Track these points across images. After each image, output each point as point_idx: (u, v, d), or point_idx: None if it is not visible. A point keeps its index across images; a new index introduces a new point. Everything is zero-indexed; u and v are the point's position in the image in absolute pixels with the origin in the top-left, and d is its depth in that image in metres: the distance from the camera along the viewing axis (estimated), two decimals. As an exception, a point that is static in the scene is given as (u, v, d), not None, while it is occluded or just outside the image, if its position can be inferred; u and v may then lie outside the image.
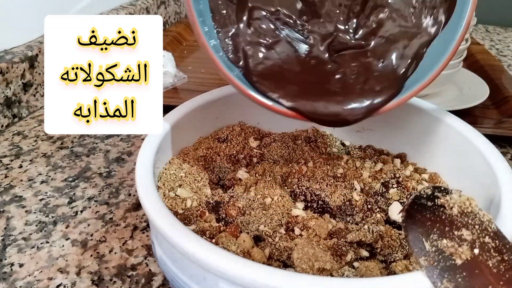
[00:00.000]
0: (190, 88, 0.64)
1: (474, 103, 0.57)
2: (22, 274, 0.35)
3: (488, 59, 0.75)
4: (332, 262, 0.28)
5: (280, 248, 0.29)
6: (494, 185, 0.30)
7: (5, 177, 0.46)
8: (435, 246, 0.23)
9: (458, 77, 0.63)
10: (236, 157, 0.40)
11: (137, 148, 0.52)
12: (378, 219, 0.33)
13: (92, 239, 0.38)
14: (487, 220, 0.24)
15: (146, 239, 0.38)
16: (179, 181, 0.34)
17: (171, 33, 0.84)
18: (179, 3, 0.97)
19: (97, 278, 0.34)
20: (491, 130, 0.53)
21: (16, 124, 0.56)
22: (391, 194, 0.36)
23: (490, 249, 0.23)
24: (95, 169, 0.48)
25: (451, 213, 0.25)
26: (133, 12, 0.78)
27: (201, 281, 0.26)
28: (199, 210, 0.32)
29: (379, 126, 0.42)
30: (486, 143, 0.34)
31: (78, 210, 0.42)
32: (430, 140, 0.39)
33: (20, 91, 0.56)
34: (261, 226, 0.31)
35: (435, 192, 0.26)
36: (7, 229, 0.39)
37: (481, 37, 0.98)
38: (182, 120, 0.37)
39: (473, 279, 0.22)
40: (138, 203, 0.43)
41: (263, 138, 0.43)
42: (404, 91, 0.31)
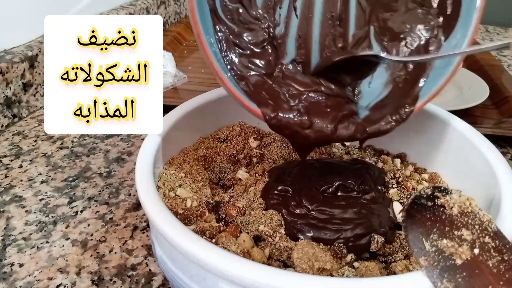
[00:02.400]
0: (190, 88, 0.65)
1: (474, 103, 0.57)
2: (22, 274, 0.35)
3: (488, 59, 0.75)
4: (332, 262, 0.28)
5: (280, 248, 0.29)
6: (494, 185, 0.30)
7: (5, 177, 0.46)
8: (435, 246, 0.23)
9: (458, 77, 0.63)
10: (236, 157, 0.40)
11: (137, 148, 0.52)
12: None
13: (92, 239, 0.38)
14: (487, 220, 0.24)
15: (146, 239, 0.38)
16: (179, 181, 0.34)
17: (171, 33, 0.84)
18: (179, 3, 0.97)
19: (97, 278, 0.34)
20: (491, 130, 0.53)
21: (16, 124, 0.56)
22: (391, 194, 0.36)
23: (490, 249, 0.23)
24: (95, 169, 0.48)
25: (451, 213, 0.25)
26: (133, 12, 0.78)
27: (201, 281, 0.26)
28: (199, 210, 0.32)
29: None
30: (486, 143, 0.34)
31: (78, 210, 0.42)
32: (430, 140, 0.39)
33: (20, 91, 0.56)
34: (261, 226, 0.31)
35: (435, 192, 0.26)
36: (7, 229, 0.39)
37: (481, 37, 0.98)
38: (182, 120, 0.37)
39: (473, 279, 0.22)
40: (138, 203, 0.43)
41: (263, 138, 0.43)
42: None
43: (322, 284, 0.22)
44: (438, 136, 0.38)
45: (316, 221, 0.31)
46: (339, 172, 0.36)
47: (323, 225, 0.31)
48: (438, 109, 0.39)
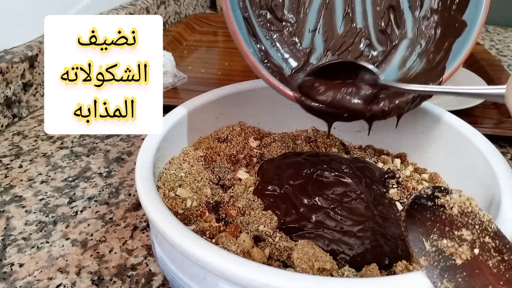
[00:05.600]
0: (190, 88, 0.65)
1: (474, 103, 0.57)
2: (22, 274, 0.35)
3: (488, 59, 0.75)
4: (332, 262, 0.28)
5: (280, 248, 0.29)
6: (494, 185, 0.30)
7: (5, 177, 0.46)
8: (435, 246, 0.23)
9: (458, 77, 0.63)
10: (236, 157, 0.40)
11: (137, 148, 0.52)
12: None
13: (92, 239, 0.38)
14: (487, 220, 0.24)
15: (146, 239, 0.38)
16: (179, 181, 0.34)
17: (171, 33, 0.84)
18: (179, 3, 0.97)
19: (97, 278, 0.34)
20: (491, 130, 0.53)
21: (16, 124, 0.56)
22: (391, 194, 0.36)
23: (490, 249, 0.23)
24: (95, 169, 0.48)
25: (451, 213, 0.25)
26: (133, 12, 0.78)
27: (201, 281, 0.26)
28: (199, 210, 0.32)
29: (379, 126, 0.42)
30: (486, 143, 0.34)
31: (78, 210, 0.42)
32: (430, 140, 0.39)
33: (20, 91, 0.56)
34: (261, 226, 0.31)
35: (435, 192, 0.26)
36: (7, 229, 0.39)
37: (481, 37, 0.98)
38: (182, 120, 0.37)
39: (473, 279, 0.22)
40: (138, 203, 0.43)
41: (263, 138, 0.43)
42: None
43: (322, 284, 0.22)
44: (438, 136, 0.38)
45: (314, 235, 0.31)
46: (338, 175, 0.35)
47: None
48: (438, 109, 0.39)
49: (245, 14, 0.33)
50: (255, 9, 0.35)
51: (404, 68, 0.35)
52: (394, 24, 0.36)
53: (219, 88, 0.41)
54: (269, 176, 0.36)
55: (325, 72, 0.33)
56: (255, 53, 0.33)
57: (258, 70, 0.32)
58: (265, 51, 0.34)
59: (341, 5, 0.36)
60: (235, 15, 0.32)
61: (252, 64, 0.31)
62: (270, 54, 0.35)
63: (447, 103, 0.58)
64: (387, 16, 0.36)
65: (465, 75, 0.66)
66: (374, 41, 0.36)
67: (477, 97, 0.28)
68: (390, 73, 0.35)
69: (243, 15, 0.33)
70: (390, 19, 0.36)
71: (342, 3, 0.36)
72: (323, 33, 0.37)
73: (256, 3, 0.35)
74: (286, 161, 0.37)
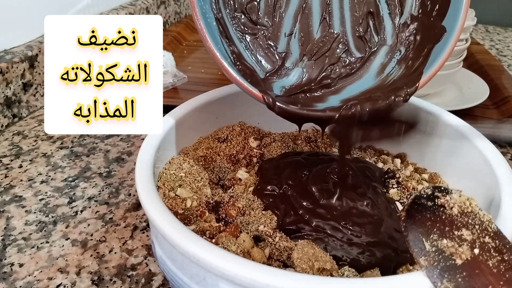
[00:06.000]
0: (190, 88, 0.65)
1: (474, 103, 0.57)
2: (22, 274, 0.35)
3: (488, 59, 0.75)
4: (332, 262, 0.28)
5: (280, 248, 0.29)
6: (494, 185, 0.30)
7: (5, 177, 0.46)
8: (435, 246, 0.23)
9: (458, 77, 0.63)
10: (236, 157, 0.40)
11: (137, 148, 0.52)
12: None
13: (92, 239, 0.38)
14: (487, 220, 0.24)
15: (146, 239, 0.38)
16: (179, 181, 0.34)
17: (171, 33, 0.84)
18: (179, 3, 0.97)
19: (97, 278, 0.34)
20: (491, 130, 0.53)
21: (16, 124, 0.56)
22: (391, 194, 0.36)
23: (490, 249, 0.23)
24: (95, 169, 0.48)
25: (451, 213, 0.25)
26: (133, 12, 0.78)
27: (201, 281, 0.26)
28: (199, 210, 0.32)
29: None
30: (486, 143, 0.34)
31: (78, 210, 0.42)
32: (430, 140, 0.39)
33: (20, 91, 0.56)
34: (261, 226, 0.31)
35: (435, 192, 0.26)
36: (7, 229, 0.39)
37: (481, 37, 0.98)
38: (182, 120, 0.37)
39: (473, 279, 0.22)
40: (138, 203, 0.43)
41: (263, 138, 0.43)
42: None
43: (322, 284, 0.22)
44: (438, 136, 0.38)
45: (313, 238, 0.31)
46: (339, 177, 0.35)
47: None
48: (438, 109, 0.39)
49: (218, 15, 0.33)
50: (229, 12, 0.34)
51: (383, 75, 0.35)
52: (373, 30, 0.36)
53: (219, 88, 0.41)
54: (268, 176, 0.36)
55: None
56: (225, 54, 0.32)
57: (225, 70, 0.31)
58: (238, 53, 0.34)
59: (318, 10, 0.36)
60: (206, 16, 0.32)
61: (219, 63, 0.31)
62: (243, 56, 0.34)
63: (447, 103, 0.58)
64: (366, 22, 0.36)
65: (465, 75, 0.66)
66: (352, 47, 0.36)
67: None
68: (367, 79, 0.35)
69: (216, 16, 0.33)
70: (369, 25, 0.36)
71: (319, 8, 0.36)
72: (299, 38, 0.36)
73: (230, 5, 0.34)
74: (285, 160, 0.37)
